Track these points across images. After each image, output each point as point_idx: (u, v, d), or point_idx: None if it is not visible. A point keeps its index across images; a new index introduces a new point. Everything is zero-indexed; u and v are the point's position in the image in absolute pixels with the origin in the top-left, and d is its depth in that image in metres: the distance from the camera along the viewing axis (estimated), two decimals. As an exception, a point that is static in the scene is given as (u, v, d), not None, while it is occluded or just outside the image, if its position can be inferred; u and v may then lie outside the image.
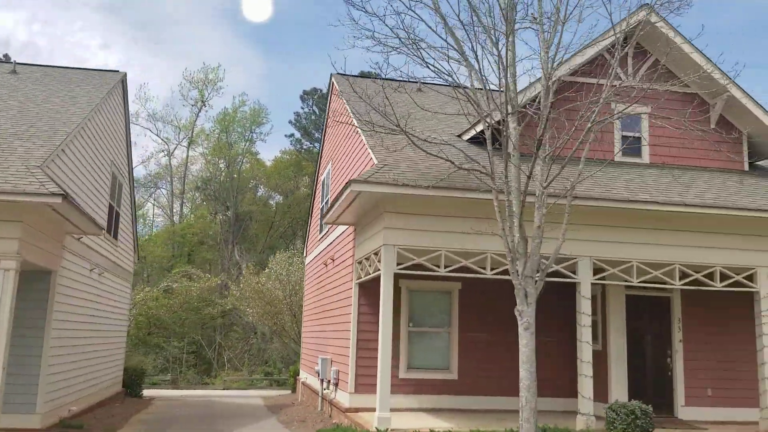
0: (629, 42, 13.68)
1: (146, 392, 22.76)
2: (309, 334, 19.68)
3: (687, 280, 11.37)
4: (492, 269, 10.71)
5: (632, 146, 13.27)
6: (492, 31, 8.69)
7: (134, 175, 21.50)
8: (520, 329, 8.33)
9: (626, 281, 11.37)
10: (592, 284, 12.72)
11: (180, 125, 47.77)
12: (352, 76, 17.19)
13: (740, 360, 12.64)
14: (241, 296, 26.15)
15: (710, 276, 11.61)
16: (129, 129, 19.03)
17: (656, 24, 12.88)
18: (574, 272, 11.13)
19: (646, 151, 13.32)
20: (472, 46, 8.49)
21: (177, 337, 24.52)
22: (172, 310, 24.46)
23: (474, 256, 10.78)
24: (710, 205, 11.07)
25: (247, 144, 48.07)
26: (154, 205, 51.26)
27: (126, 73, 17.90)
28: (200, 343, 34.53)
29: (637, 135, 13.31)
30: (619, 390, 12.27)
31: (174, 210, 49.69)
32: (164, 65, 71.54)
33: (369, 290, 12.94)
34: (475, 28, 8.81)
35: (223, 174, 47.08)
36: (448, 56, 9.02)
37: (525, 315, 8.31)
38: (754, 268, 11.65)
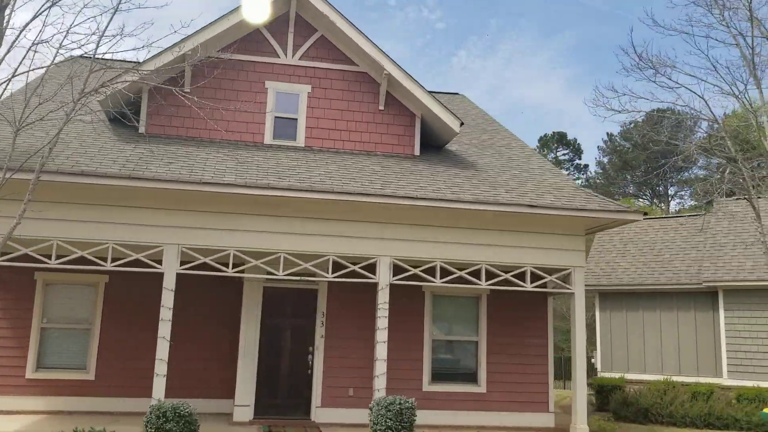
0: (290, 18, 12.86)
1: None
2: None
3: (291, 270, 10.48)
4: (113, 260, 10.03)
5: (290, 129, 12.38)
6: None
7: None
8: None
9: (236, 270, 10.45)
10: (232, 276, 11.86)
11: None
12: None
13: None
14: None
15: (325, 266, 10.75)
16: None
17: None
18: (160, 262, 10.18)
19: (301, 133, 12.40)
20: None
21: None
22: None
23: (92, 246, 9.99)
24: (297, 189, 10.16)
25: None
26: None
27: None
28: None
29: (291, 117, 12.41)
30: (246, 389, 11.34)
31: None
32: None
33: (5, 281, 12.00)
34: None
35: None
36: None
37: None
38: (375, 258, 10.80)
